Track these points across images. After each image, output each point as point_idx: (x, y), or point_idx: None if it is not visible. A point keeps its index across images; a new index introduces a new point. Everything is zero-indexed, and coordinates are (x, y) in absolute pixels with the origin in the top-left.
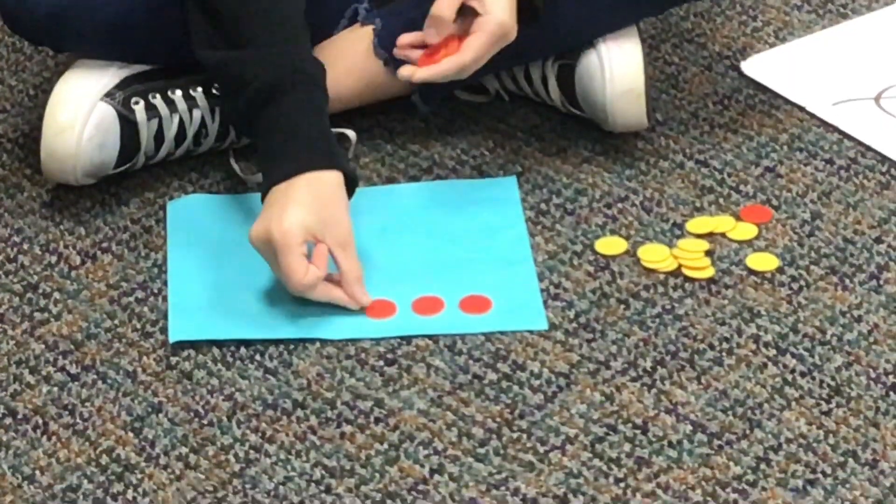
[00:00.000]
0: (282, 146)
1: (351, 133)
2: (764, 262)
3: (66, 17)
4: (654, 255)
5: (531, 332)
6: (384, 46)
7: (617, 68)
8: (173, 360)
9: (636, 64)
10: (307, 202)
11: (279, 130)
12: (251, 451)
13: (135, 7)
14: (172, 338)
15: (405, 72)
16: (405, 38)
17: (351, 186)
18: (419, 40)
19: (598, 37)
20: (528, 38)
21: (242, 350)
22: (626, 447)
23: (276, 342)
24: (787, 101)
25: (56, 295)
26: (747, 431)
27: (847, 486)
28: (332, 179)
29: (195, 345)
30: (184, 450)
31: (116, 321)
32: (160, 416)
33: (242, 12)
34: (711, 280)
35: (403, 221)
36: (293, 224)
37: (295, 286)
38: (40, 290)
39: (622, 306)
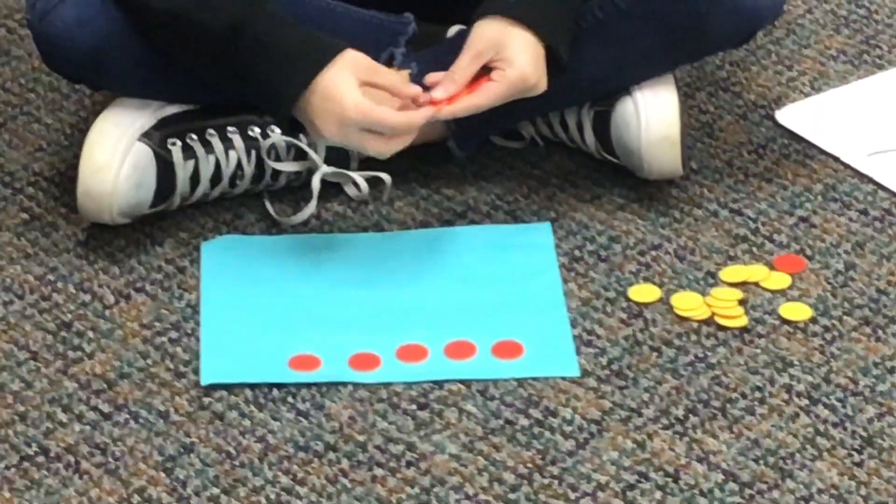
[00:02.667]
0: (277, 67)
1: (386, 177)
2: (797, 311)
3: (104, 56)
4: (688, 304)
5: (563, 378)
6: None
7: (652, 116)
8: (206, 400)
9: (672, 112)
10: (339, 81)
11: (263, 57)
12: (282, 493)
13: None
14: (204, 380)
15: (419, 114)
16: (431, 78)
17: None
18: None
19: (633, 84)
20: (563, 85)
21: (275, 392)
22: (658, 495)
23: (309, 384)
24: (822, 151)
25: (89, 334)
26: (779, 481)
27: None
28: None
29: (227, 386)
30: (215, 490)
31: (149, 361)
32: (192, 456)
33: None
34: (744, 329)
35: (437, 266)
36: (353, 97)
37: (406, 122)
38: (74, 329)
39: (655, 354)
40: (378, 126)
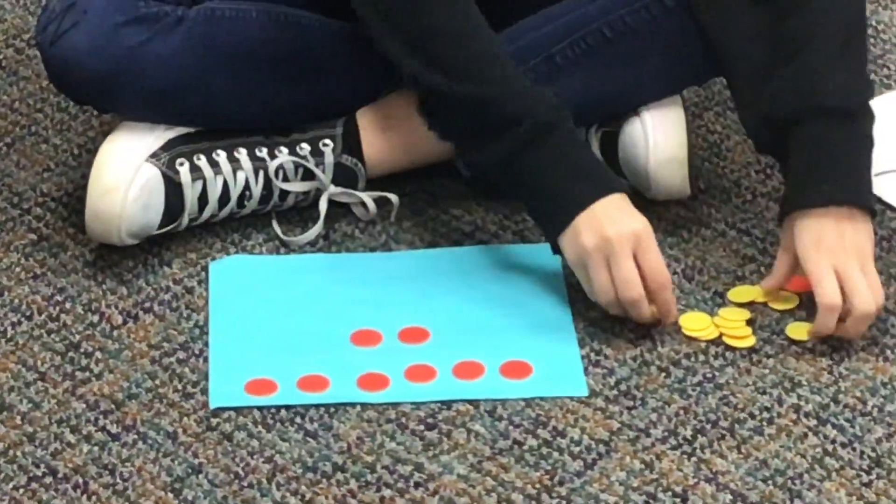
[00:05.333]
0: (564, 179)
1: (394, 197)
2: (805, 331)
3: (113, 82)
4: (696, 324)
5: (571, 398)
6: (429, 110)
7: (660, 136)
8: (214, 421)
9: (679, 132)
10: (623, 208)
11: (560, 165)
12: None
13: (184, 73)
14: (213, 404)
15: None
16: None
17: None
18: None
19: (641, 105)
20: (571, 106)
21: (283, 412)
22: None
23: (317, 405)
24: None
25: (98, 354)
26: (787, 502)
27: None
28: (621, 198)
29: (236, 406)
30: None
31: (157, 381)
32: (200, 477)
33: (482, 50)
34: (752, 349)
35: (445, 286)
36: (639, 221)
37: (661, 274)
38: (82, 350)
39: (663, 374)
40: (647, 265)
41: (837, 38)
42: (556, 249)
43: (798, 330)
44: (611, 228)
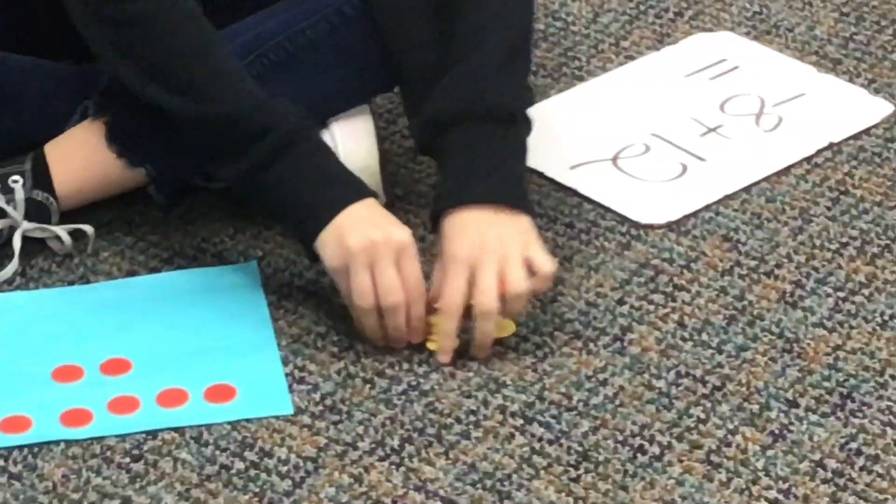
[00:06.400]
0: (319, 187)
1: (89, 228)
2: (502, 327)
3: None
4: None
5: (277, 417)
6: (117, 139)
7: (350, 146)
8: None
9: (368, 141)
10: (384, 214)
11: (310, 173)
12: None
13: None
14: None
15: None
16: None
17: None
18: None
19: (329, 116)
20: None
21: None
22: None
23: (20, 446)
24: (526, 168)
25: None
26: (497, 503)
27: None
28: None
29: None
30: None
31: None
32: None
33: (220, 68)
34: (456, 352)
35: (145, 314)
36: (405, 230)
37: (420, 286)
38: None
39: (368, 385)
40: (409, 276)
41: (504, 44)
42: (313, 257)
43: (497, 327)
44: (377, 232)
